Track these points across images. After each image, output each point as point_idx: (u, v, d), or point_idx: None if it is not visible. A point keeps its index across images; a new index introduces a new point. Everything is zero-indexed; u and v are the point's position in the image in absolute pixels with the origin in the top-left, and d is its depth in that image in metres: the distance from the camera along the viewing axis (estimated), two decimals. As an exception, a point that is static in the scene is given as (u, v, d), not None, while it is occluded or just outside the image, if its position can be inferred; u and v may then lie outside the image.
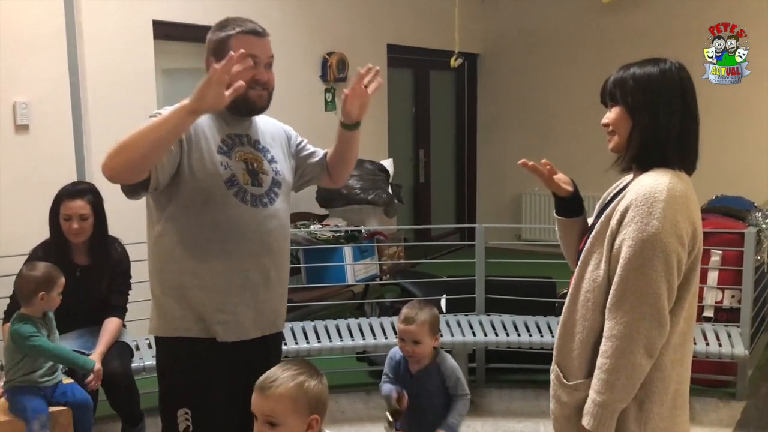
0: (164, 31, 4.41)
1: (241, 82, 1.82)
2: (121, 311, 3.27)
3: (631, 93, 1.69)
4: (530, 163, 1.84)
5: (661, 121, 1.66)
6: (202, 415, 2.08)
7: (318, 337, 3.75)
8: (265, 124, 2.25)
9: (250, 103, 2.09)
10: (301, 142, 2.39)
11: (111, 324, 3.18)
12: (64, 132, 3.91)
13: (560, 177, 1.87)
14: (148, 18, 4.25)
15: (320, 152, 2.42)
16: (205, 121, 2.04)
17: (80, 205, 3.10)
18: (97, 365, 2.95)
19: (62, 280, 2.84)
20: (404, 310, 2.55)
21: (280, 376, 1.59)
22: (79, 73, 3.95)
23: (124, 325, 3.31)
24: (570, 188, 1.88)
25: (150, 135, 1.82)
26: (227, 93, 1.80)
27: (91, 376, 2.92)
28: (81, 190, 3.17)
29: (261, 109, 2.15)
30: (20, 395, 2.78)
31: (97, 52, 4.00)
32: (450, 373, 2.56)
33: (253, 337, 2.10)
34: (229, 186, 2.03)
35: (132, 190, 1.96)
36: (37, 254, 3.14)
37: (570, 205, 1.89)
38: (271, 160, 2.18)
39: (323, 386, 1.62)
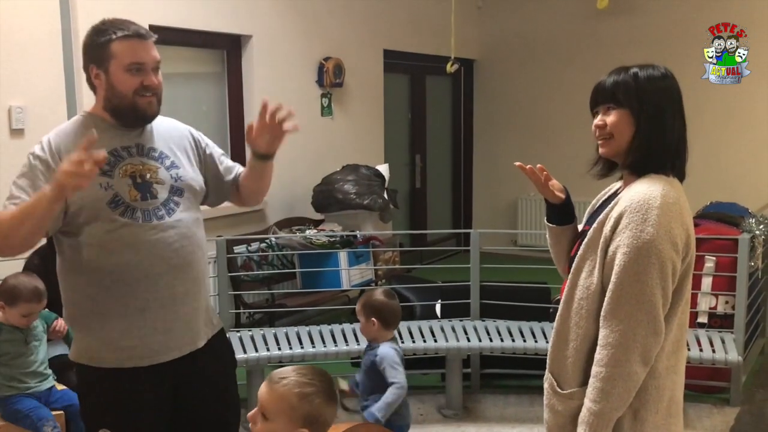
0: (161, 35, 4.37)
1: (95, 170, 1.71)
2: None
3: (636, 96, 1.65)
4: (527, 166, 1.84)
5: (666, 127, 1.65)
6: None
7: (312, 342, 3.75)
8: (163, 128, 2.09)
9: (139, 111, 1.96)
10: (208, 148, 2.20)
11: None
12: (60, 136, 3.91)
13: (554, 184, 1.87)
14: (144, 23, 4.20)
15: (236, 169, 2.24)
16: (81, 142, 1.81)
17: None
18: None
19: (32, 305, 2.76)
20: None
21: (291, 378, 1.57)
22: (75, 77, 3.95)
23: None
24: (563, 195, 1.87)
25: (22, 226, 1.79)
26: (87, 177, 1.70)
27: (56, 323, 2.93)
28: None
29: (151, 117, 2.01)
30: (15, 403, 2.77)
31: (93, 56, 4.00)
32: (380, 360, 2.73)
33: (167, 360, 1.98)
34: (113, 207, 1.91)
35: None
36: (33, 261, 3.12)
37: (562, 213, 1.89)
38: (171, 166, 2.03)
39: (329, 408, 1.58)
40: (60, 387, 2.93)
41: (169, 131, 2.10)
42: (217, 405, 2.11)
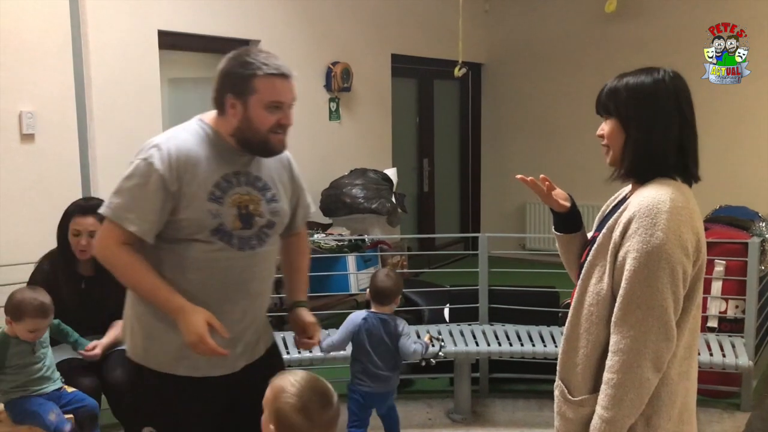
0: (170, 41, 4.44)
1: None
2: None
3: (624, 105, 1.66)
4: (529, 178, 1.84)
5: (655, 134, 1.63)
6: None
7: (321, 346, 3.75)
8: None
9: (270, 147, 1.99)
10: (300, 182, 2.23)
11: (120, 325, 3.18)
12: (70, 141, 3.93)
13: (558, 193, 1.86)
14: (153, 28, 4.27)
15: (305, 214, 2.29)
16: (202, 161, 1.94)
17: (91, 222, 3.03)
18: (97, 350, 2.99)
19: (37, 320, 2.76)
20: None
21: (284, 375, 1.58)
22: (85, 82, 3.97)
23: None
24: (567, 204, 1.86)
25: (132, 286, 1.98)
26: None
27: (92, 344, 2.99)
28: (93, 206, 3.07)
29: (280, 152, 2.04)
30: (23, 404, 2.77)
31: (102, 62, 4.03)
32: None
33: (221, 374, 2.03)
34: (214, 233, 1.95)
35: None
36: (43, 266, 3.13)
37: (568, 221, 1.88)
38: (271, 199, 2.06)
39: (300, 417, 1.51)
40: (70, 389, 2.93)
41: (273, 160, 2.09)
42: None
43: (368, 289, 3.23)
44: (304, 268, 2.33)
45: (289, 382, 1.54)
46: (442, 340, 3.31)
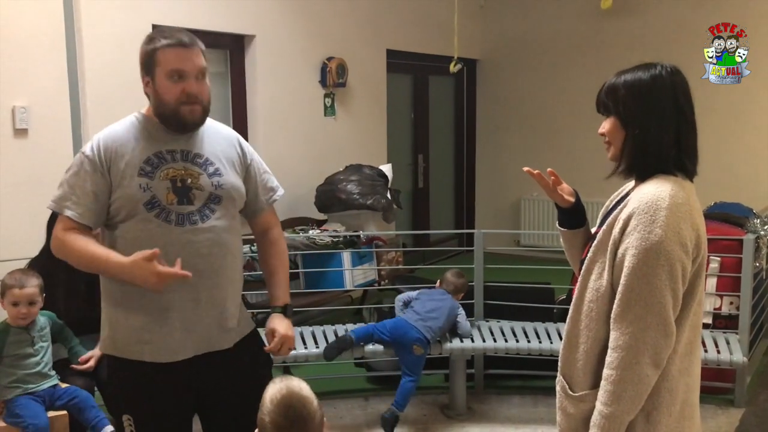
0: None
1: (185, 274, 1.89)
2: None
3: (622, 103, 1.66)
4: (535, 171, 1.83)
5: (653, 130, 1.63)
6: (143, 425, 2.08)
7: (316, 343, 3.74)
8: (211, 135, 2.13)
9: (181, 119, 2.01)
10: (253, 161, 2.23)
11: None
12: (63, 136, 3.91)
13: (564, 188, 1.86)
14: (147, 22, 4.24)
15: (275, 193, 2.29)
16: (130, 143, 2.02)
17: None
18: (91, 363, 3.02)
19: (14, 291, 2.80)
20: None
21: (274, 384, 1.59)
22: (79, 77, 3.95)
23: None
24: (572, 199, 1.86)
25: (80, 263, 2.00)
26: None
27: (86, 356, 3.02)
28: None
29: (194, 125, 2.05)
30: (17, 407, 2.77)
31: (96, 56, 4.00)
32: None
33: (183, 358, 2.04)
34: (149, 208, 1.97)
35: None
36: (42, 260, 3.14)
37: (572, 217, 1.88)
38: (214, 173, 2.07)
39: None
40: (63, 385, 2.94)
41: (217, 138, 2.14)
42: (244, 406, 2.13)
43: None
44: (280, 271, 2.28)
45: (269, 397, 1.54)
46: None
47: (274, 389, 1.56)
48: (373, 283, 5.03)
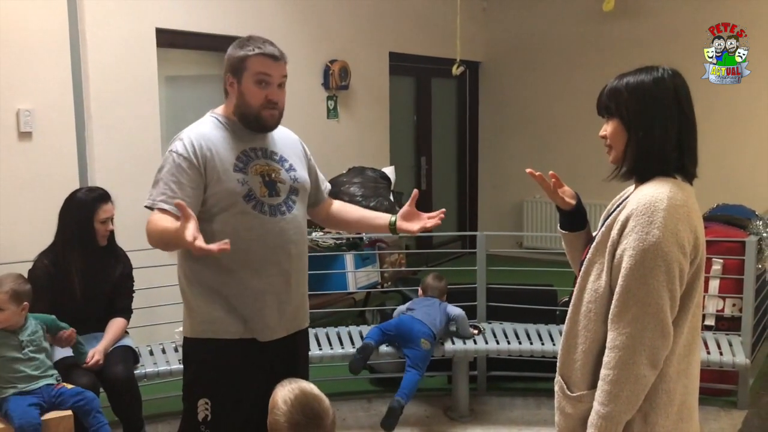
0: (167, 38, 4.43)
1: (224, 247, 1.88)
2: (126, 312, 3.30)
3: (625, 105, 1.67)
4: (537, 173, 1.84)
5: (656, 132, 1.64)
6: (221, 406, 2.22)
7: (319, 345, 3.75)
8: (280, 135, 2.37)
9: (261, 121, 2.22)
10: (312, 159, 2.52)
11: (116, 323, 3.23)
12: (68, 139, 3.93)
13: (565, 190, 1.87)
14: (151, 26, 4.27)
15: (326, 186, 2.58)
16: (219, 142, 2.19)
17: (111, 208, 3.22)
18: (97, 356, 3.04)
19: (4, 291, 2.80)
20: None
21: (284, 386, 1.61)
22: (83, 80, 3.97)
23: (127, 332, 3.32)
24: (573, 202, 1.87)
25: (161, 242, 2.07)
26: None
27: (91, 353, 3.03)
28: (107, 194, 3.26)
29: (272, 128, 2.27)
30: (8, 404, 2.77)
31: (100, 59, 4.02)
32: None
33: (279, 336, 2.25)
34: (247, 200, 2.17)
35: None
36: (43, 261, 3.15)
37: (574, 219, 1.88)
38: (290, 169, 2.31)
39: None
40: (69, 386, 2.93)
41: (284, 138, 2.38)
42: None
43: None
44: (362, 210, 2.62)
45: (281, 398, 1.56)
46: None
47: (285, 391, 1.57)
48: (376, 285, 5.03)
